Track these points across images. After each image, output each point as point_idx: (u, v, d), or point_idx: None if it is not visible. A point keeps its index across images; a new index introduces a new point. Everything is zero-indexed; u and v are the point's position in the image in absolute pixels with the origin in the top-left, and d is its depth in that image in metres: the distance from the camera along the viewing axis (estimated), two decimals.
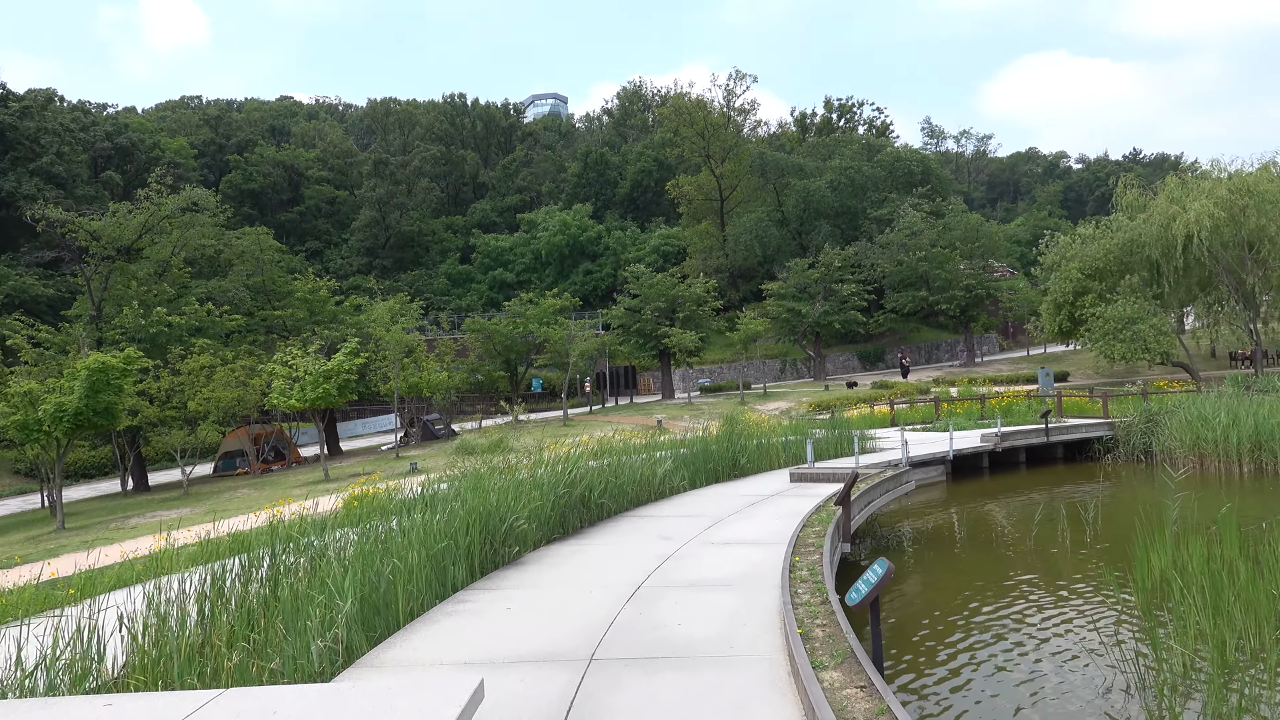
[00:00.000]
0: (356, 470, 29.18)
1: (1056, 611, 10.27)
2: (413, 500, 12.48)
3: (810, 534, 9.64)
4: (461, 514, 9.12)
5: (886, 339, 64.76)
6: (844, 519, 10.04)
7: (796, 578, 7.53)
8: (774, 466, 19.03)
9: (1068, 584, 11.51)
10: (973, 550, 13.88)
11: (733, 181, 70.87)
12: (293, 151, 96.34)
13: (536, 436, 35.64)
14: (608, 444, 23.98)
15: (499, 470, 13.92)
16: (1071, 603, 10.62)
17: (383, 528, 9.86)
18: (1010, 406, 32.89)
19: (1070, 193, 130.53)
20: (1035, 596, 10.95)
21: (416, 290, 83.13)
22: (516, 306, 43.76)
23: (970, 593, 11.23)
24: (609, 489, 12.83)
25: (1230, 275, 40.66)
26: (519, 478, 11.88)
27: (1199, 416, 22.98)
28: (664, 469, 14.83)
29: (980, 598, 10.96)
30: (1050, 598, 10.89)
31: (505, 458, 18.47)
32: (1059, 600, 10.76)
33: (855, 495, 13.38)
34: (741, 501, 13.76)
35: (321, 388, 24.81)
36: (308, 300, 35.62)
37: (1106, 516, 15.62)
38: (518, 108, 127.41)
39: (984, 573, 12.24)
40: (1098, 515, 15.27)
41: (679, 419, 38.87)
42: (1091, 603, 10.62)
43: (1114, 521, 15.47)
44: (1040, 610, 10.33)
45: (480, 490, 10.27)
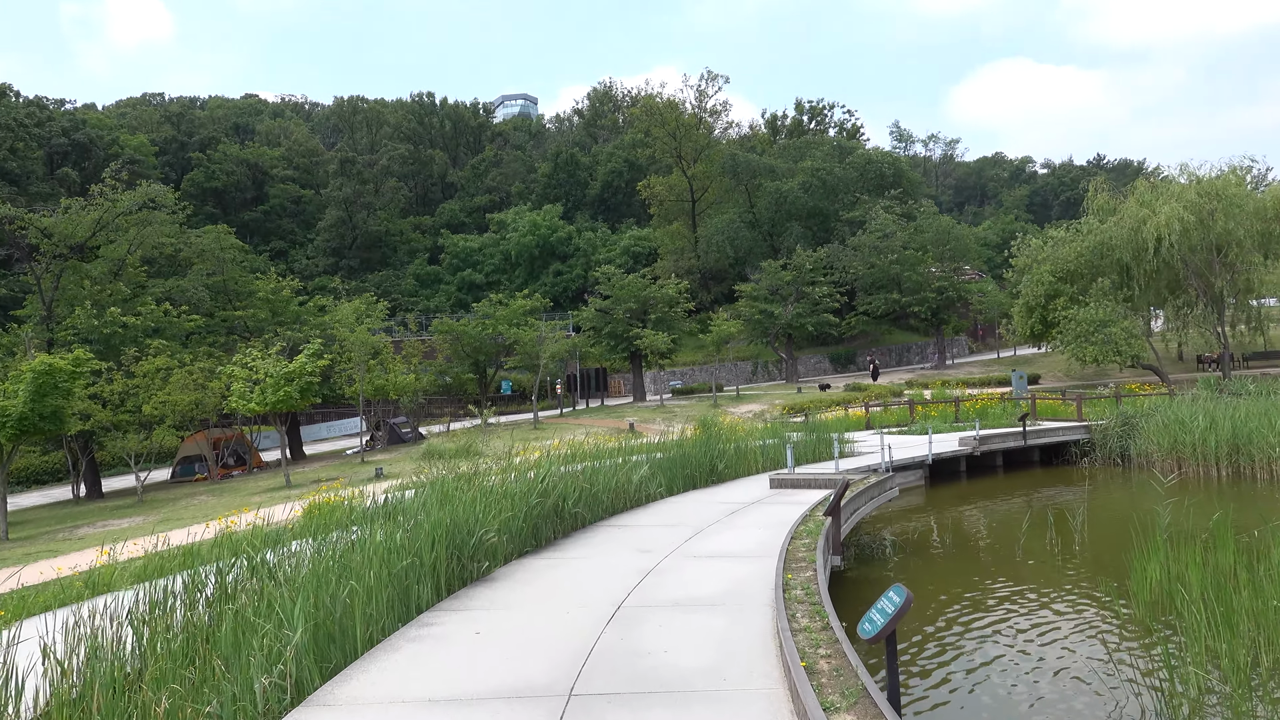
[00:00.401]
0: (319, 476, 28.28)
1: (1054, 627, 9.81)
2: (376, 510, 11.80)
3: (799, 547, 9.09)
4: (427, 527, 8.46)
5: (858, 341, 64.69)
6: (834, 530, 9.51)
7: (791, 598, 6.97)
8: (752, 472, 18.51)
9: (1062, 596, 11.07)
10: (960, 559, 13.43)
11: (704, 182, 70.49)
12: (257, 149, 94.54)
13: (506, 440, 34.85)
14: (580, 448, 23.36)
15: (467, 478, 13.27)
16: (1068, 617, 10.18)
17: (342, 540, 9.20)
18: (985, 409, 32.70)
19: (1036, 197, 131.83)
20: (1030, 610, 10.49)
21: (384, 291, 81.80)
22: (486, 307, 42.94)
23: (962, 605, 10.75)
24: (583, 497, 12.21)
25: (1199, 278, 40.90)
26: (489, 485, 11.25)
27: (1176, 420, 22.82)
28: (640, 475, 14.24)
29: (973, 611, 10.49)
30: (1047, 612, 10.44)
31: (474, 463, 17.80)
32: (1058, 615, 10.30)
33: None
34: (721, 509, 13.21)
35: (283, 390, 23.92)
36: (270, 300, 34.58)
37: (1093, 523, 15.27)
38: (487, 107, 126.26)
39: (974, 583, 11.78)
40: (1084, 522, 14.90)
41: (651, 422, 38.31)
42: (1090, 617, 10.18)
43: (1102, 528, 15.12)
44: (1037, 627, 9.87)
45: (447, 501, 9.61)
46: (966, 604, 10.84)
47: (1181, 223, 38.64)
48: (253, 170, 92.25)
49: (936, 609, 10.67)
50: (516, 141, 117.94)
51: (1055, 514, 16.51)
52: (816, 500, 13.48)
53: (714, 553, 9.79)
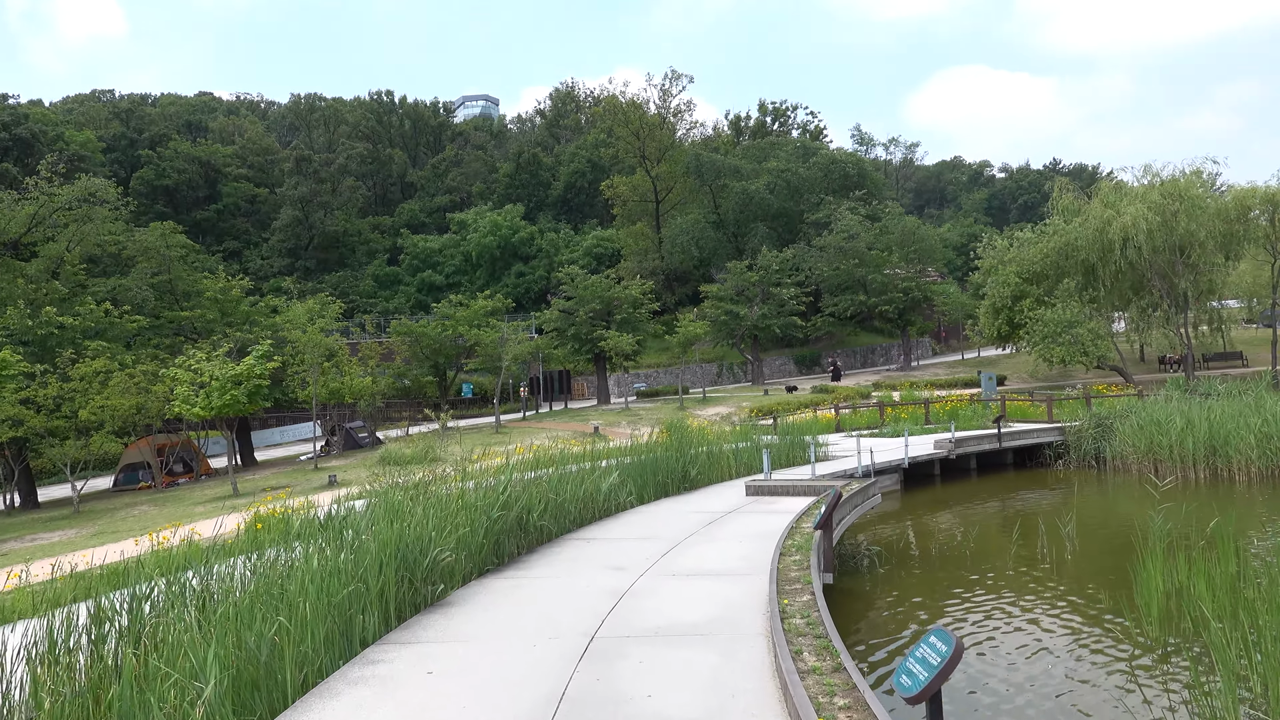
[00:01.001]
0: (270, 484, 26.98)
1: (1067, 646, 9.09)
2: (325, 521, 10.78)
3: (790, 565, 8.26)
4: (373, 548, 7.48)
5: (822, 343, 64.34)
6: (826, 545, 8.69)
7: (791, 628, 6.12)
8: (725, 478, 17.70)
9: (1068, 612, 10.37)
10: (952, 570, 12.70)
11: (668, 183, 69.72)
12: (209, 147, 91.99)
13: (467, 445, 33.75)
14: (545, 454, 22.40)
15: (422, 487, 12.31)
16: (1084, 641, 9.46)
17: (284, 559, 8.20)
18: (955, 411, 32.26)
19: (994, 200, 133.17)
20: (1040, 631, 9.76)
21: (341, 292, 79.91)
22: (446, 308, 41.74)
23: (963, 623, 10.00)
24: (549, 508, 11.29)
25: (1162, 279, 40.98)
26: (446, 495, 10.30)
27: (1152, 421, 22.44)
28: (609, 483, 13.35)
29: (976, 630, 9.74)
30: (1058, 631, 9.72)
31: (431, 470, 16.78)
32: (1072, 633, 9.59)
33: (816, 511, 12.10)
34: (698, 520, 12.36)
35: (229, 394, 22.63)
36: (219, 300, 33.08)
37: (1084, 530, 14.65)
38: (447, 107, 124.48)
39: (972, 599, 11.04)
40: (1074, 528, 14.27)
41: (617, 425, 37.41)
42: (1104, 639, 9.47)
43: (1093, 536, 14.51)
44: (1050, 651, 9.14)
45: (398, 516, 8.63)
46: (972, 623, 10.10)
47: (1147, 223, 38.64)
48: (205, 168, 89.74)
49: (933, 619, 9.93)
50: (477, 141, 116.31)
51: (1042, 520, 15.89)
52: (798, 509, 12.68)
53: (695, 570, 8.93)
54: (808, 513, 11.65)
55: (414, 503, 9.62)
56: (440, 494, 10.59)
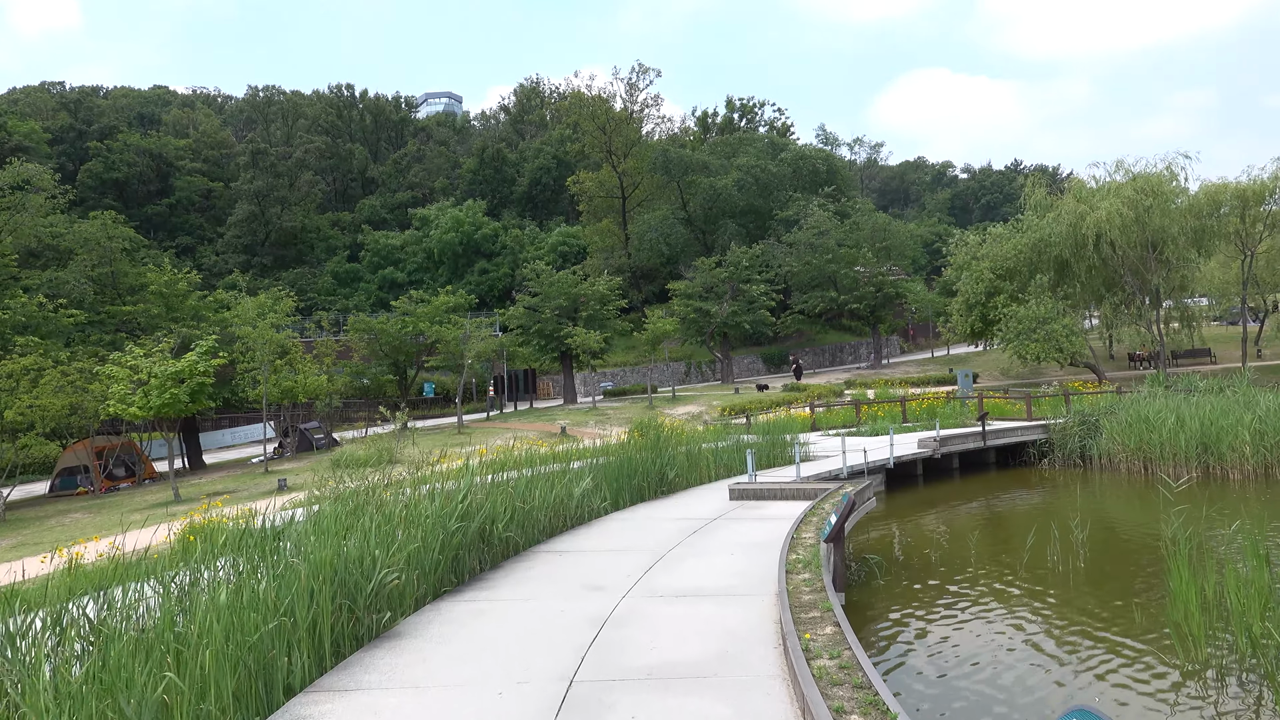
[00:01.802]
0: (216, 488, 25.37)
1: (1121, 684, 8.04)
2: (261, 534, 9.44)
3: (799, 585, 7.09)
4: (304, 574, 6.20)
5: (791, 341, 63.54)
6: (838, 561, 7.56)
7: (820, 672, 4.94)
8: (705, 480, 16.55)
9: (1100, 625, 9.34)
10: (961, 580, 11.63)
11: (635, 179, 68.49)
12: (161, 139, 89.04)
13: (427, 446, 32.28)
14: (510, 456, 21.10)
15: (373, 492, 11.02)
16: (1138, 671, 8.42)
17: (208, 579, 6.90)
18: (933, 408, 31.47)
19: (957, 200, 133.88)
20: (1080, 657, 8.70)
21: (299, 290, 77.56)
22: (406, 304, 40.15)
23: (986, 646, 8.92)
24: (516, 517, 10.04)
25: (1134, 275, 40.63)
26: (398, 504, 9.02)
27: (1141, 418, 21.69)
28: (582, 488, 12.13)
29: (1001, 654, 8.66)
30: (1102, 655, 8.68)
31: (386, 473, 15.44)
32: (1117, 656, 8.55)
33: (814, 518, 10.99)
34: (681, 528, 11.18)
35: (169, 393, 21.02)
36: (164, 295, 31.27)
37: (1093, 534, 13.66)
38: (410, 102, 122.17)
39: (989, 615, 9.97)
40: (1082, 533, 13.30)
41: (585, 425, 36.15)
42: (1156, 665, 8.44)
43: (1106, 541, 13.54)
44: (1101, 681, 8.10)
45: (337, 531, 7.33)
46: (992, 643, 9.03)
47: (1121, 218, 38.23)
48: (156, 161, 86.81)
49: (961, 645, 8.84)
50: (440, 137, 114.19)
51: (1045, 524, 14.93)
52: (789, 515, 11.56)
53: (685, 590, 7.74)
54: (805, 520, 10.52)
55: (358, 514, 8.32)
56: (391, 503, 9.32)
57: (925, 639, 9.15)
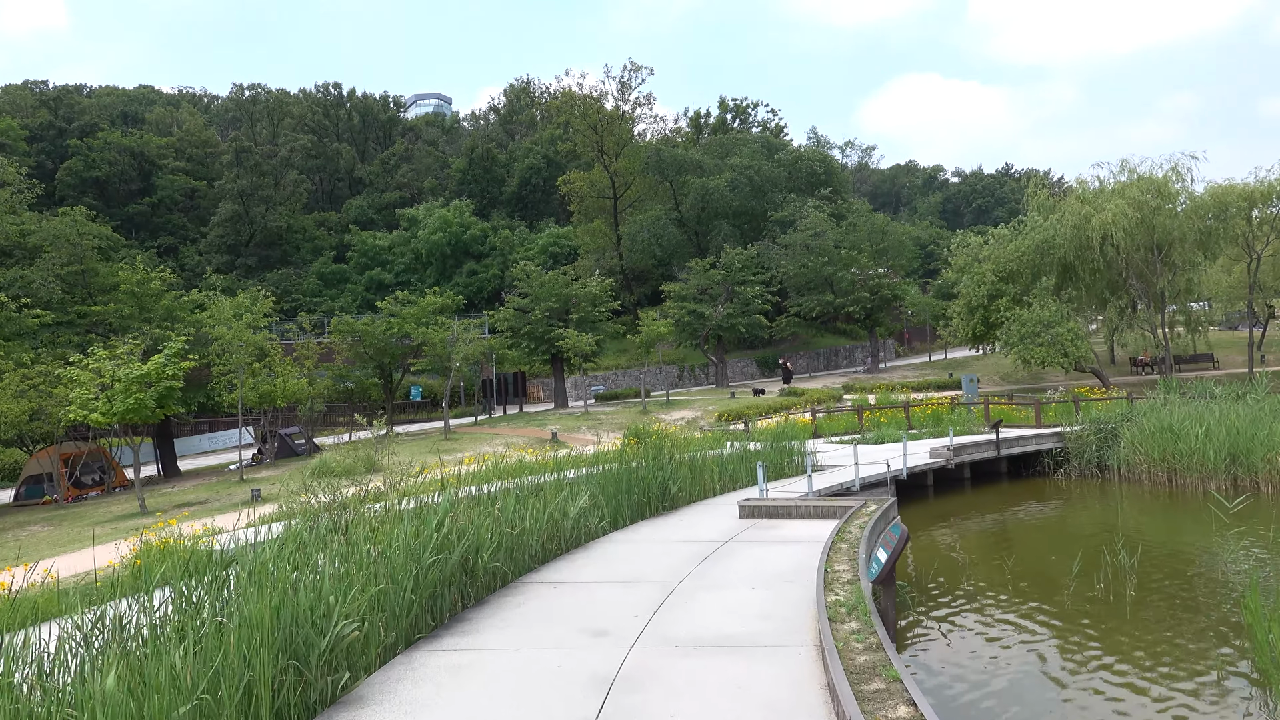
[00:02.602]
0: (186, 498, 24.04)
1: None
2: (210, 564, 8.18)
3: (847, 637, 5.87)
4: (238, 634, 4.94)
5: (785, 345, 62.44)
6: (889, 607, 6.35)
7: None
8: (710, 493, 15.33)
9: (1182, 675, 8.16)
10: (1003, 611, 10.43)
11: (627, 179, 67.27)
12: (142, 137, 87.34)
13: (411, 454, 30.96)
14: (499, 464, 19.85)
15: (349, 506, 9.84)
16: None
17: (134, 619, 5.65)
18: (938, 414, 30.37)
19: (949, 204, 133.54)
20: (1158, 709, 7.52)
21: (284, 291, 76.15)
22: (391, 305, 38.79)
23: (1058, 697, 7.72)
24: (504, 544, 8.80)
25: (1139, 279, 39.70)
26: (367, 532, 7.79)
27: (1164, 427, 20.57)
28: (579, 506, 10.88)
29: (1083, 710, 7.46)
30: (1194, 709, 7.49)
31: (365, 484, 14.16)
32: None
33: (842, 544, 9.80)
34: (689, 553, 9.96)
35: (134, 397, 19.67)
36: (135, 294, 29.84)
37: (1138, 555, 12.48)
38: (398, 101, 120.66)
39: (1044, 651, 8.78)
40: (1123, 552, 12.12)
41: (576, 430, 34.90)
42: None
43: (1156, 565, 12.32)
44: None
45: (282, 581, 6.05)
46: (1077, 707, 7.83)
47: (1127, 220, 37.29)
48: (138, 160, 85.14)
49: (1038, 699, 7.64)
50: (429, 137, 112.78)
51: (1083, 542, 13.76)
52: (809, 537, 10.35)
53: (705, 637, 6.52)
54: (833, 546, 9.29)
55: (320, 544, 7.07)
56: (357, 532, 8.08)
57: (986, 690, 7.95)
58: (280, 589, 5.60)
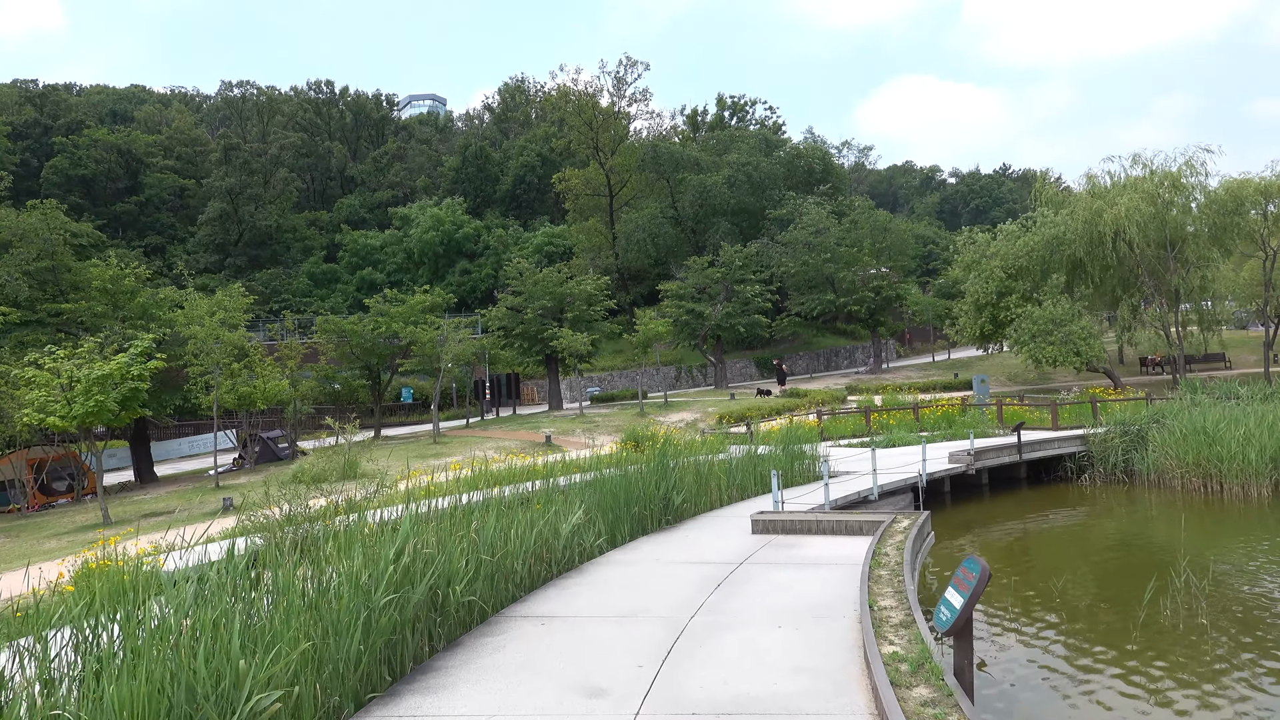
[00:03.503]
0: (156, 507, 22.65)
1: None
2: (135, 595, 6.84)
3: (918, 710, 4.53)
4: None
5: (785, 345, 61.13)
6: (965, 664, 5.02)
7: None
8: (717, 504, 13.99)
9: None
10: (1065, 644, 9.12)
11: (623, 176, 65.92)
12: (130, 135, 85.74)
13: (399, 457, 29.58)
14: (487, 470, 18.49)
15: (316, 519, 8.59)
16: None
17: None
18: (949, 416, 29.06)
19: (946, 204, 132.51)
20: None
21: (273, 291, 74.69)
22: (379, 304, 37.41)
23: None
24: (482, 572, 7.45)
25: (1152, 276, 38.44)
26: (309, 574, 6.46)
27: (1197, 429, 19.27)
28: (572, 523, 9.53)
29: None
30: None
31: (339, 491, 12.82)
32: None
33: (881, 570, 8.46)
34: (699, 577, 8.61)
35: (94, 400, 18.29)
36: (108, 291, 28.43)
37: (1200, 574, 11.13)
38: (391, 99, 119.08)
39: (1133, 699, 7.45)
40: (1189, 574, 10.79)
41: (571, 433, 33.54)
42: None
43: (1231, 591, 10.98)
44: None
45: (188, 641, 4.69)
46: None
47: (1141, 214, 36.04)
48: (125, 158, 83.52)
49: None
50: (423, 136, 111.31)
51: (1114, 555, 12.43)
52: (837, 558, 9.02)
53: (728, 702, 5.17)
54: (872, 575, 7.94)
55: (243, 588, 5.72)
56: (328, 544, 6.74)
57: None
58: (183, 650, 4.24)
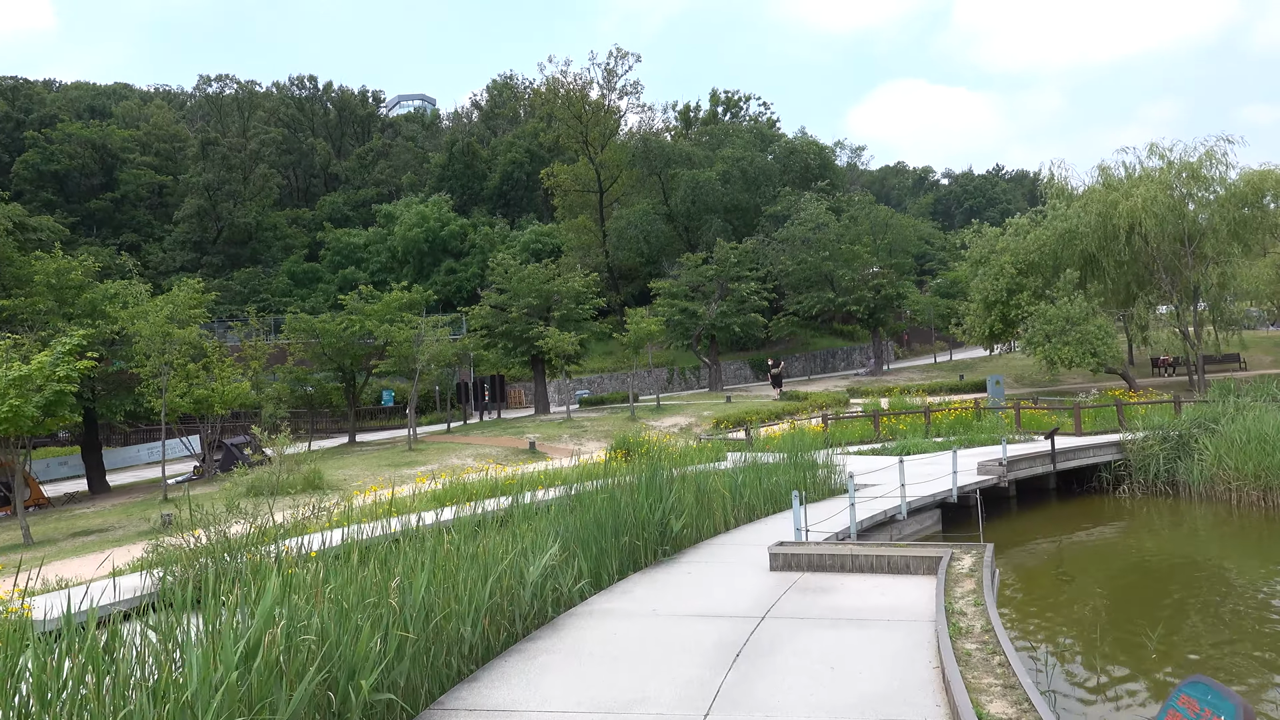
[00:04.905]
0: (92, 524, 20.38)
1: None
2: None
3: None
4: None
5: (781, 346, 59.02)
6: None
7: None
8: (722, 528, 11.83)
9: None
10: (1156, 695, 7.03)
11: (613, 171, 63.75)
12: (105, 129, 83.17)
13: (368, 465, 27.33)
14: (457, 484, 16.34)
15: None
16: None
17: None
18: (964, 421, 27.00)
19: (939, 205, 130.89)
20: None
21: (252, 290, 72.25)
22: (354, 301, 35.16)
23: None
24: (410, 649, 5.28)
25: (1168, 272, 36.52)
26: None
27: (1256, 436, 17.23)
28: (543, 564, 7.37)
29: None
30: None
31: (281, 509, 10.67)
32: None
33: (968, 642, 6.34)
34: (710, 644, 6.45)
35: (8, 404, 16.04)
36: (53, 285, 26.15)
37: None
38: (378, 96, 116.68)
39: None
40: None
41: (558, 439, 31.38)
42: None
43: None
44: None
45: None
46: None
47: (1159, 206, 34.13)
48: (101, 153, 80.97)
49: None
50: (409, 133, 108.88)
51: (1183, 587, 10.33)
52: (891, 612, 6.88)
53: None
54: (955, 648, 5.80)
55: None
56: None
57: None
58: None
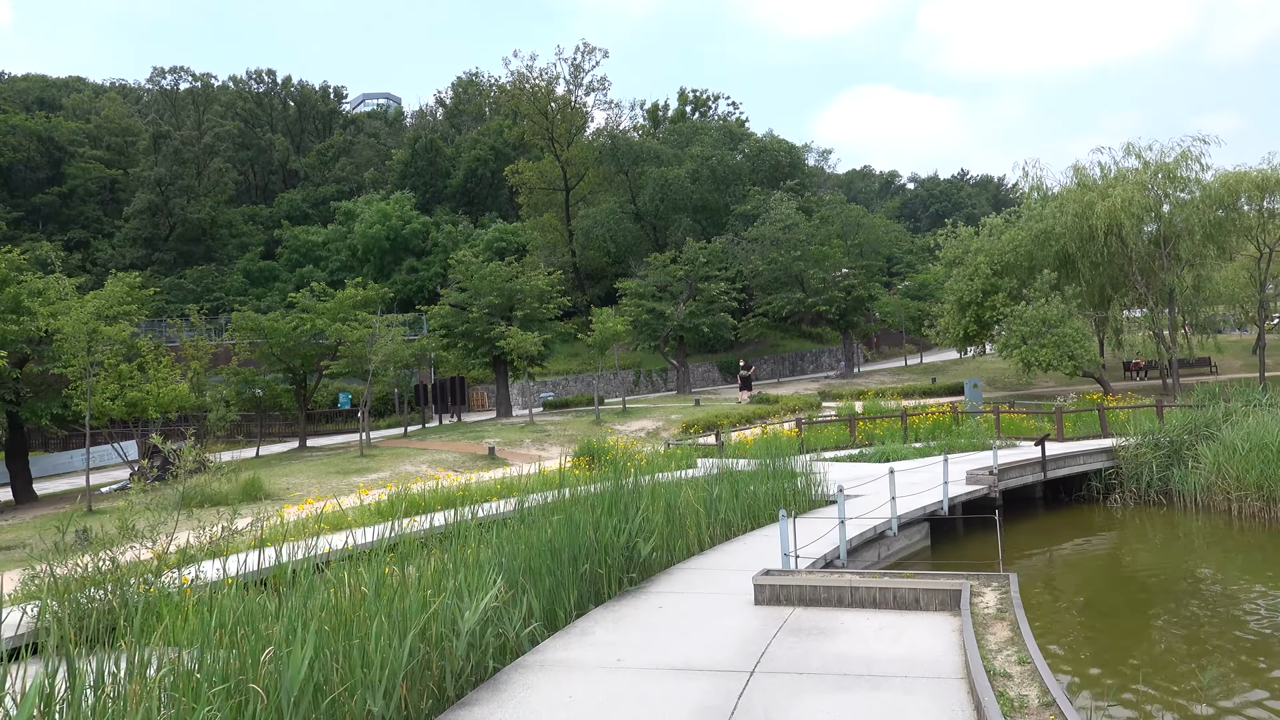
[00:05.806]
0: (8, 537, 18.67)
1: None
2: None
3: None
4: None
5: (749, 348, 57.97)
6: None
7: None
8: (695, 549, 10.50)
9: None
10: None
11: (580, 169, 62.38)
12: (51, 122, 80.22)
13: (316, 472, 25.69)
14: (402, 498, 14.92)
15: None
16: None
17: None
18: (942, 425, 26.00)
19: (906, 209, 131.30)
20: None
21: (205, 289, 69.86)
22: (306, 299, 33.43)
23: None
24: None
25: (1144, 274, 35.93)
26: None
27: (1259, 445, 16.28)
28: (481, 608, 5.99)
29: None
30: None
31: (186, 530, 9.23)
32: None
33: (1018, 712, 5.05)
34: (684, 709, 5.13)
35: None
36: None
37: None
38: (339, 92, 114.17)
39: None
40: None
41: (519, 444, 29.94)
42: None
43: None
44: None
45: None
46: None
47: (1137, 206, 33.51)
48: (47, 146, 77.98)
49: None
50: (371, 130, 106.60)
51: (1225, 618, 9.21)
52: (905, 666, 5.61)
53: None
54: (983, 695, 4.54)
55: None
56: None
57: None
58: None
